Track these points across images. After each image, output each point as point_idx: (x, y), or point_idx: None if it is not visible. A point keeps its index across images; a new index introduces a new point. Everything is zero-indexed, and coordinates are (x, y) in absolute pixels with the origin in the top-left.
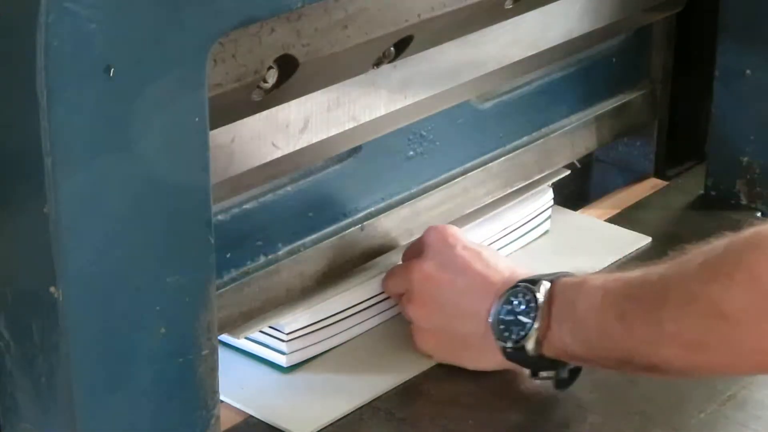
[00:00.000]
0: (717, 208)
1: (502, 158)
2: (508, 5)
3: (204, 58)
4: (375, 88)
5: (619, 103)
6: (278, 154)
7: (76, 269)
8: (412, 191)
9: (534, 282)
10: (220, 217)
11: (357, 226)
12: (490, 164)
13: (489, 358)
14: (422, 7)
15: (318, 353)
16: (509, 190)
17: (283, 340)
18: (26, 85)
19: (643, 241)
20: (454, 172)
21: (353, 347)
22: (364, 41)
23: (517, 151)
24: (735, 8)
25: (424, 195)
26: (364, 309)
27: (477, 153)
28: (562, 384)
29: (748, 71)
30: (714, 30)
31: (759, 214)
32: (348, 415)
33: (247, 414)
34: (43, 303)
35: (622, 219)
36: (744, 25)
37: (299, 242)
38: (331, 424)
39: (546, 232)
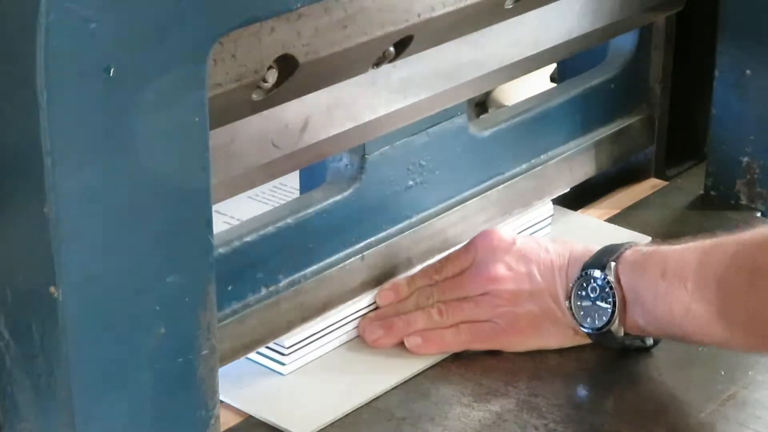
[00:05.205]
0: (717, 208)
1: (501, 186)
2: (508, 5)
3: (204, 57)
4: (375, 88)
5: (617, 128)
6: (278, 154)
7: (76, 269)
8: (412, 220)
9: (602, 266)
10: (221, 250)
11: (357, 256)
12: (489, 192)
13: (570, 336)
14: (422, 7)
15: (317, 357)
16: (508, 218)
17: (283, 354)
18: (26, 85)
19: (642, 241)
20: (453, 200)
21: (353, 347)
22: (364, 41)
23: (516, 179)
24: (735, 8)
25: (424, 224)
26: (363, 317)
27: (476, 181)
28: (650, 349)
29: (748, 71)
30: (714, 30)
31: (759, 214)
32: (348, 415)
33: (247, 414)
34: (43, 303)
35: (622, 219)
36: (744, 25)
37: (300, 273)
38: (331, 424)
39: (546, 233)
